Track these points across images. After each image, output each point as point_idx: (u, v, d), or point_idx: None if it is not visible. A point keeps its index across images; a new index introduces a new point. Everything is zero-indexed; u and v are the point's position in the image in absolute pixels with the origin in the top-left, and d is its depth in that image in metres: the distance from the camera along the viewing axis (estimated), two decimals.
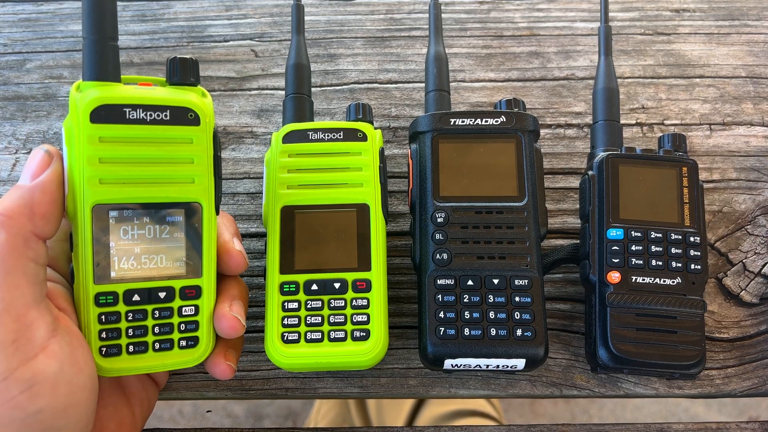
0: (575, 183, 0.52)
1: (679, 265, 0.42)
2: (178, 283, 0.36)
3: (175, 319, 0.37)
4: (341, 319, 0.40)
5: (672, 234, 0.43)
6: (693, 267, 0.42)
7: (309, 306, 0.40)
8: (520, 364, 0.40)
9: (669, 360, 0.41)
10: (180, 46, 0.58)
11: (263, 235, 0.50)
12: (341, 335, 0.40)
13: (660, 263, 0.42)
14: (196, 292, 0.37)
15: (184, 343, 0.37)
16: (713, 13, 0.60)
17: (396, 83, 0.56)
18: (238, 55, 0.58)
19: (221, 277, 0.39)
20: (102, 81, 0.34)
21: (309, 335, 0.40)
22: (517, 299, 0.40)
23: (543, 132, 0.54)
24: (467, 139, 0.44)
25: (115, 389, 0.39)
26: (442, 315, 0.40)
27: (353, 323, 0.40)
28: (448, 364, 0.40)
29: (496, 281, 0.41)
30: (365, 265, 0.41)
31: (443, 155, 0.44)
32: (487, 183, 0.43)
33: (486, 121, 0.44)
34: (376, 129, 0.44)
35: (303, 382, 0.46)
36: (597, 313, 0.42)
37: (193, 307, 0.37)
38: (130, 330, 0.36)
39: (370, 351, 0.40)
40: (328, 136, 0.43)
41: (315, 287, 0.41)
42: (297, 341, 0.40)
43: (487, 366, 0.40)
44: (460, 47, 0.58)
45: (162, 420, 1.28)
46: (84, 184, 0.33)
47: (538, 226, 0.42)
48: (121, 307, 0.35)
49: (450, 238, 0.42)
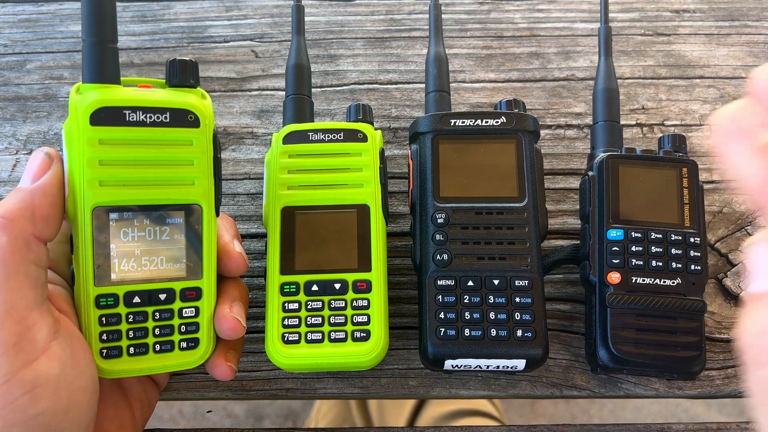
0: (575, 184, 0.52)
1: (679, 266, 0.42)
2: (178, 285, 0.37)
3: (176, 321, 0.37)
4: (341, 320, 0.40)
5: (672, 235, 0.43)
6: (693, 268, 0.42)
7: (309, 307, 0.40)
8: (520, 364, 0.40)
9: (669, 361, 0.41)
10: (180, 46, 0.58)
11: (263, 236, 0.50)
12: (341, 336, 0.40)
13: (660, 264, 0.42)
14: (196, 293, 0.37)
15: (184, 345, 0.37)
16: (713, 14, 0.60)
17: (396, 84, 0.56)
18: (238, 56, 0.58)
19: (221, 279, 0.39)
20: (102, 83, 0.34)
21: (309, 336, 0.40)
22: (518, 300, 0.41)
23: (543, 133, 0.54)
24: (467, 140, 0.44)
25: (116, 391, 0.39)
26: (442, 315, 0.40)
27: (353, 324, 0.40)
28: (448, 364, 0.40)
29: (496, 282, 0.41)
30: (365, 266, 0.41)
31: (443, 156, 0.44)
32: (488, 184, 0.43)
33: (486, 122, 0.44)
34: (376, 130, 0.44)
35: (303, 382, 0.46)
36: (597, 314, 0.42)
37: (194, 309, 0.37)
38: (130, 332, 0.36)
39: (370, 351, 0.40)
40: (328, 136, 0.43)
41: (315, 288, 0.41)
42: (297, 342, 0.40)
43: (488, 366, 0.40)
44: (460, 48, 0.58)
45: (162, 420, 1.28)
46: (84, 186, 0.33)
47: (538, 226, 0.42)
48: (122, 309, 0.35)
49: (450, 238, 0.42)
